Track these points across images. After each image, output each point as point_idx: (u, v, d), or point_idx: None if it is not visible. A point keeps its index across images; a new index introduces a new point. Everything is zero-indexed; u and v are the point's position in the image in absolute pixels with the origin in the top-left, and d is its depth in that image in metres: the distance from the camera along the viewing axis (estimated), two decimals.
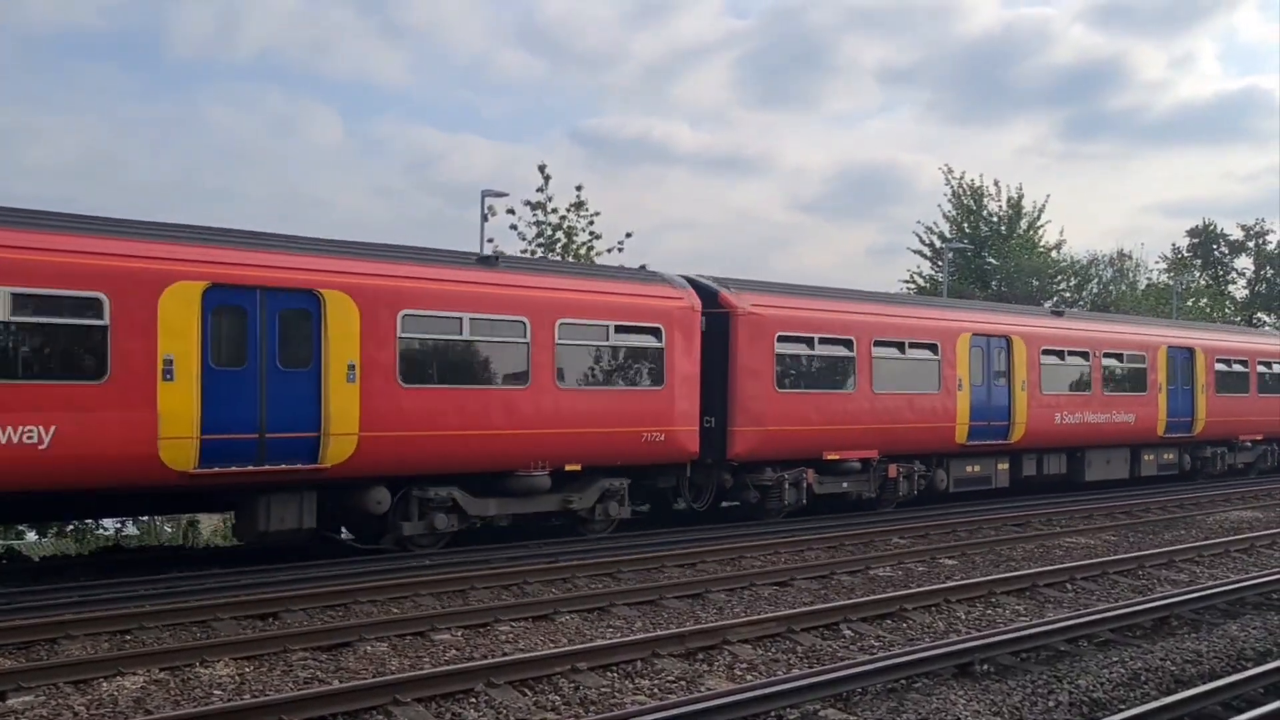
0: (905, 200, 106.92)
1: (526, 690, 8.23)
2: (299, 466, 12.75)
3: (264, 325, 12.54)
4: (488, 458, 14.34)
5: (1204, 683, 8.49)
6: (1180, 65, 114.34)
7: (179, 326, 11.89)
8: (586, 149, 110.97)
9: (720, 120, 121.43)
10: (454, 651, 9.46)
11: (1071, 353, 22.33)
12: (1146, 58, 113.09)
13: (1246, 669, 8.90)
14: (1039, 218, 44.71)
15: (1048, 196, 58.23)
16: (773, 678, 8.50)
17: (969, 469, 20.80)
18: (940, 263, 41.47)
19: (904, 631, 10.49)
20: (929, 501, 20.55)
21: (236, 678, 8.52)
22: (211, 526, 20.96)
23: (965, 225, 43.96)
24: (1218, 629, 10.65)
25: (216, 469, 12.18)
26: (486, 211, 27.48)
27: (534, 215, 29.06)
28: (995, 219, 44.12)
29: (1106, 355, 23.13)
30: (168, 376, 11.81)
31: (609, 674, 8.69)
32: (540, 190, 29.12)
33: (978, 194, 44.17)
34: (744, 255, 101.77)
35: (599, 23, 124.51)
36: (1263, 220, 64.26)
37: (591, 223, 29.39)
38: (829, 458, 18.20)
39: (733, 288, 17.48)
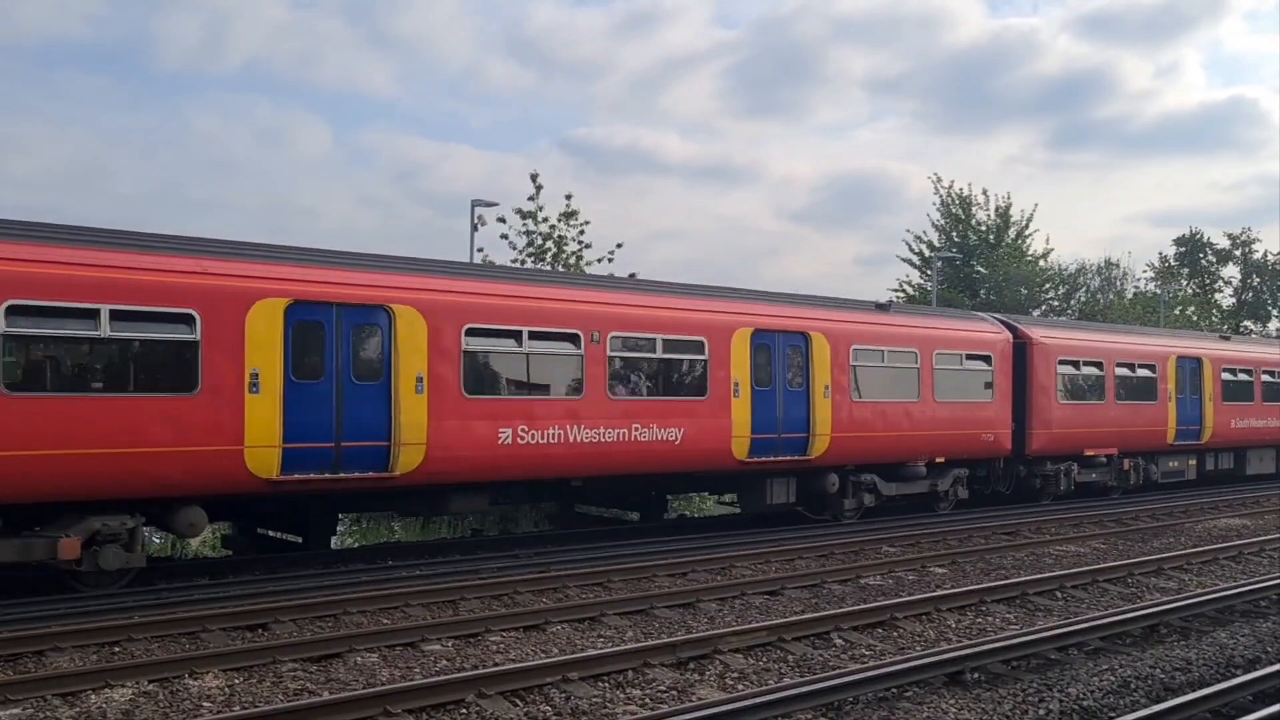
0: (893, 210, 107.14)
1: (518, 700, 8.21)
2: (795, 458, 17.81)
3: (780, 358, 17.71)
4: (894, 452, 19.53)
5: (1193, 690, 8.51)
6: (1166, 75, 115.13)
7: (739, 359, 17.07)
8: (575, 159, 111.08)
9: (709, 130, 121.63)
10: (445, 662, 9.44)
11: (1241, 370, 27.45)
12: (1132, 68, 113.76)
13: (1236, 676, 8.94)
14: (1027, 227, 44.94)
15: (1035, 206, 58.64)
16: (764, 687, 8.51)
17: (1171, 464, 25.81)
18: (929, 272, 41.62)
19: (895, 640, 10.51)
20: (1146, 490, 25.27)
21: (226, 689, 8.48)
22: (200, 537, 20.84)
23: (954, 234, 44.12)
24: (1207, 637, 10.69)
25: (756, 459, 17.23)
26: (476, 221, 27.49)
27: (524, 224, 29.04)
28: (984, 228, 44.29)
29: (1264, 372, 28.29)
30: (736, 394, 16.95)
31: (600, 684, 8.68)
32: (531, 199, 29.13)
33: (966, 203, 44.36)
34: (734, 265, 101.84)
35: (587, 33, 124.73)
36: (1249, 229, 64.75)
37: (582, 232, 29.39)
38: (1087, 454, 23.14)
39: (1024, 324, 23.05)
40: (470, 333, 14.15)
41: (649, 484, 18.30)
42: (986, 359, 21.08)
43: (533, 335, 14.79)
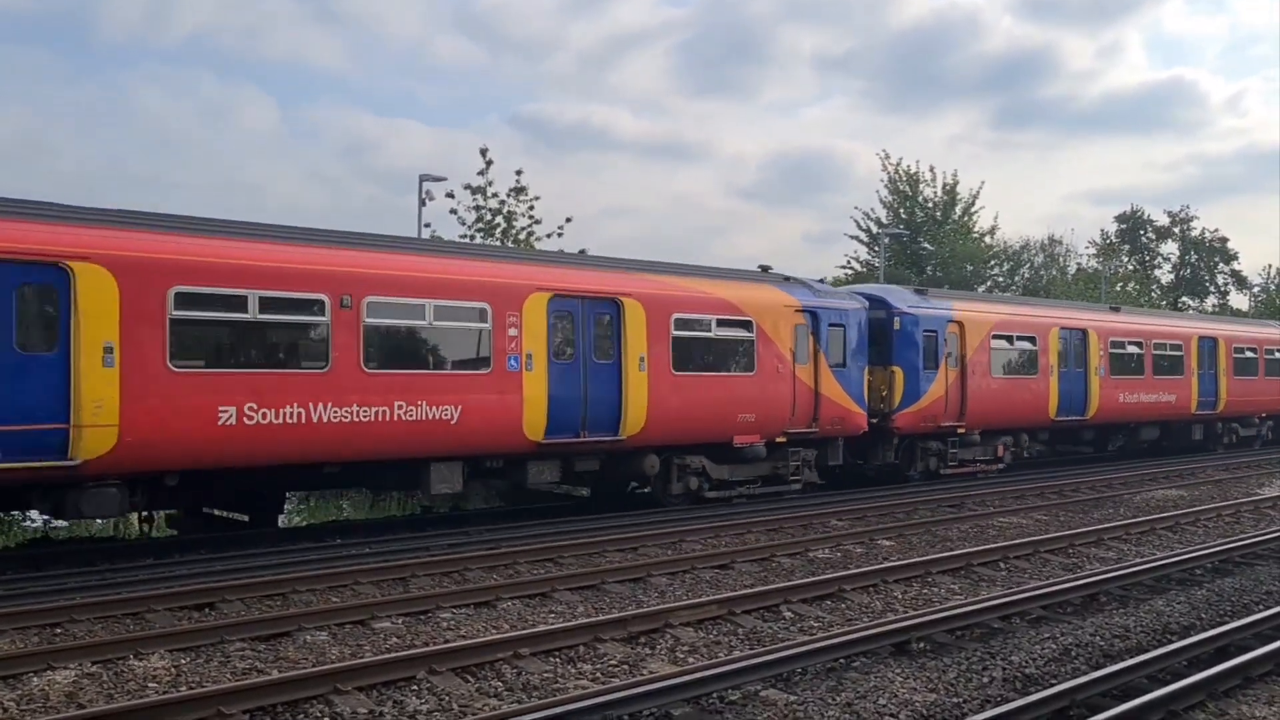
0: (841, 188, 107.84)
1: (469, 677, 8.21)
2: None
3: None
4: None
5: (1131, 657, 8.73)
6: (1108, 55, 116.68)
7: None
8: (525, 135, 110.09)
9: (659, 108, 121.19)
10: (395, 640, 9.40)
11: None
12: (1075, 47, 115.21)
13: (1171, 643, 9.18)
14: (973, 204, 45.38)
15: (982, 183, 59.25)
16: (714, 660, 8.59)
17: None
18: (877, 248, 41.93)
19: (843, 612, 10.65)
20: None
21: (172, 669, 8.38)
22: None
23: (901, 211, 44.44)
24: (1144, 604, 10.96)
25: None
26: (425, 196, 27.21)
27: (474, 199, 28.80)
28: (930, 205, 44.65)
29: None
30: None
31: (551, 659, 8.70)
32: (481, 174, 28.88)
33: (913, 180, 44.66)
34: (683, 242, 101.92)
35: (536, 9, 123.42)
36: (1188, 207, 66.11)
37: (532, 208, 29.23)
38: None
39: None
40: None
41: None
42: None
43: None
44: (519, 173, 29.16)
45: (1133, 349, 26.63)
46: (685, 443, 17.19)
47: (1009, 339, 23.13)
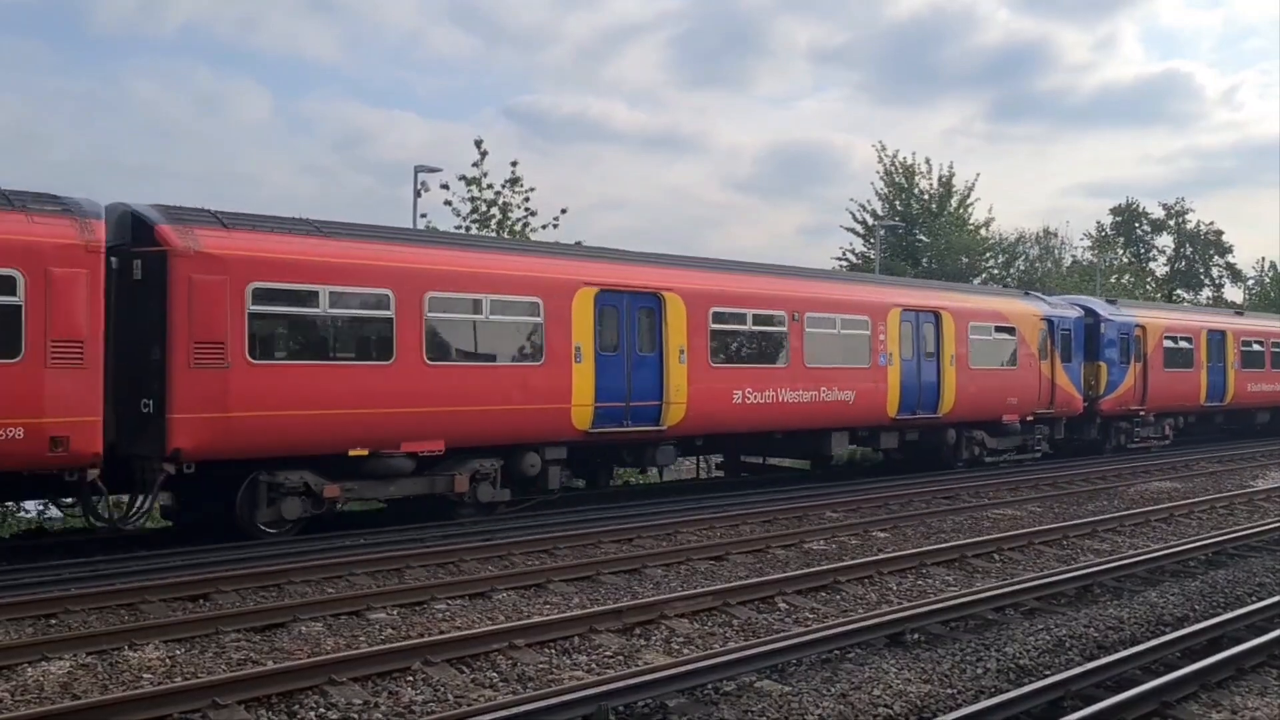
0: (837, 180, 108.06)
1: (464, 668, 8.21)
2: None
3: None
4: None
5: (1125, 648, 8.75)
6: (1103, 48, 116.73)
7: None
8: (521, 126, 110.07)
9: (655, 100, 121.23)
10: (390, 630, 9.40)
11: None
12: (1071, 40, 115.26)
13: (1165, 634, 9.20)
14: (968, 196, 45.37)
15: (977, 175, 59.31)
16: (709, 651, 8.60)
17: None
18: (872, 240, 41.92)
19: (838, 603, 10.66)
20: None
21: (167, 660, 8.37)
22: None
23: (897, 203, 44.39)
24: (1138, 596, 10.98)
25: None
26: (419, 188, 27.15)
27: (469, 191, 28.75)
28: (926, 197, 44.62)
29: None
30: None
31: (546, 650, 8.71)
32: (476, 165, 28.84)
33: (909, 172, 44.60)
34: (680, 234, 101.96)
35: (532, 1, 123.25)
36: (1183, 199, 66.14)
37: (527, 199, 29.20)
38: None
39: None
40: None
41: None
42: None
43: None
44: (514, 164, 29.19)
45: (1257, 346, 31.94)
46: (973, 420, 22.56)
47: (1174, 339, 28.51)
